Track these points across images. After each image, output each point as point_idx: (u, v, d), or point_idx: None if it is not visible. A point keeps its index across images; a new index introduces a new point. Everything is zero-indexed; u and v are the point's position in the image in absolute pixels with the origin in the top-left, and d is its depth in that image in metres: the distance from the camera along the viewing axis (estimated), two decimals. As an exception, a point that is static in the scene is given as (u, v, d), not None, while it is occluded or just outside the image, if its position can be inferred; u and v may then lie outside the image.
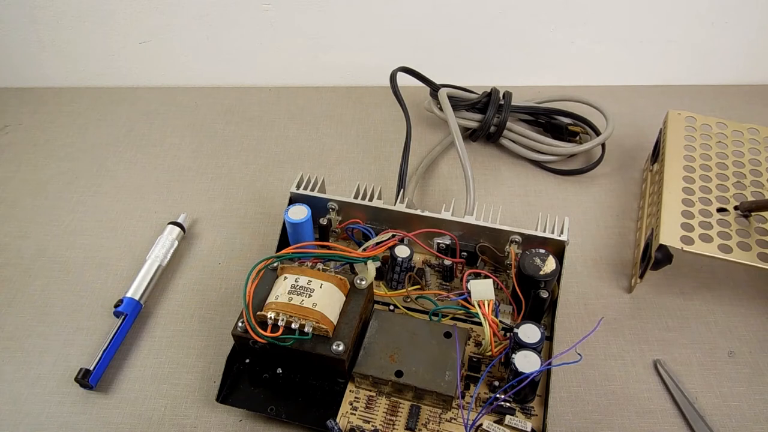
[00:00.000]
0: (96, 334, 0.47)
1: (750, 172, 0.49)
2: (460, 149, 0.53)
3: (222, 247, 0.53)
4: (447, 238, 0.46)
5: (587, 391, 0.43)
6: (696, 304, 0.48)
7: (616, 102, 0.66)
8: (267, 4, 0.65)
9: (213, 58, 0.70)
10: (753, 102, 0.66)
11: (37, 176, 0.60)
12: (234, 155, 0.62)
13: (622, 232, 0.53)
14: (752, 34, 0.66)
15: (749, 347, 0.45)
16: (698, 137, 0.52)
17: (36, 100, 0.70)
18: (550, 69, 0.69)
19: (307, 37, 0.68)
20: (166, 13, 0.66)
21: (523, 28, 0.66)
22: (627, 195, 0.57)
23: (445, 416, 0.39)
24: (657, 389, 0.43)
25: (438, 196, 0.57)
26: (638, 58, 0.68)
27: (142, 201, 0.57)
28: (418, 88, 0.61)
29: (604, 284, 0.49)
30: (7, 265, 0.52)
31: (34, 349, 0.46)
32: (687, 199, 0.47)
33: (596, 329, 0.45)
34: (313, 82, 0.71)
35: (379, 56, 0.68)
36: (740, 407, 0.41)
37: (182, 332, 0.47)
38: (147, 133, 0.65)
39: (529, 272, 0.42)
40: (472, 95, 0.61)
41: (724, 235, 0.44)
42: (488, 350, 0.41)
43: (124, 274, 0.51)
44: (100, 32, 0.68)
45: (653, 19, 0.65)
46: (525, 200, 0.56)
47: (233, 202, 0.57)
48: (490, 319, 0.40)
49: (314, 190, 0.48)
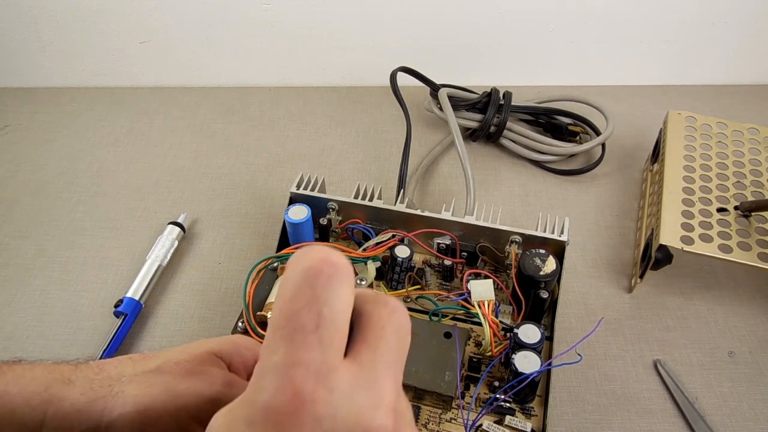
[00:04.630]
0: (96, 334, 0.46)
1: (750, 172, 0.49)
2: (460, 149, 0.53)
3: (222, 247, 0.53)
4: (447, 238, 0.46)
5: (587, 391, 0.43)
6: (696, 304, 0.48)
7: (616, 102, 0.66)
8: (267, 4, 0.65)
9: (213, 58, 0.70)
10: (753, 102, 0.66)
11: (37, 176, 0.60)
12: (234, 155, 0.62)
13: (622, 232, 0.53)
14: (752, 34, 0.66)
15: (749, 347, 0.45)
16: (698, 137, 0.52)
17: (36, 100, 0.70)
18: (550, 69, 0.69)
19: (307, 37, 0.68)
20: (166, 13, 0.66)
21: (523, 28, 0.66)
22: (627, 195, 0.57)
23: (445, 416, 0.39)
24: (657, 389, 0.43)
25: (438, 196, 0.57)
26: (638, 58, 0.68)
27: (142, 201, 0.57)
28: (418, 88, 0.61)
29: (604, 284, 0.49)
30: (7, 265, 0.52)
31: (34, 349, 0.46)
32: (687, 199, 0.47)
33: (596, 329, 0.45)
34: (313, 82, 0.71)
35: (379, 56, 0.68)
36: (740, 407, 0.41)
37: (182, 332, 0.47)
38: (147, 133, 0.65)
39: (529, 272, 0.42)
40: (472, 95, 0.61)
41: (724, 235, 0.44)
42: (488, 350, 0.41)
43: (124, 274, 0.51)
44: (100, 32, 0.68)
45: (653, 19, 0.65)
46: (525, 200, 0.56)
47: (233, 202, 0.57)
48: (490, 320, 0.40)
49: (314, 190, 0.48)
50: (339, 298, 0.18)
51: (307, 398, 0.17)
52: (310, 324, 0.17)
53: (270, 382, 0.17)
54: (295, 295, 0.18)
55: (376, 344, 0.19)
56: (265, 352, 0.18)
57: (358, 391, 0.18)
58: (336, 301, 0.18)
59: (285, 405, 0.17)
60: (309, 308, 0.17)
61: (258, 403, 0.17)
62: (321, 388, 0.17)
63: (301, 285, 0.18)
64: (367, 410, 0.18)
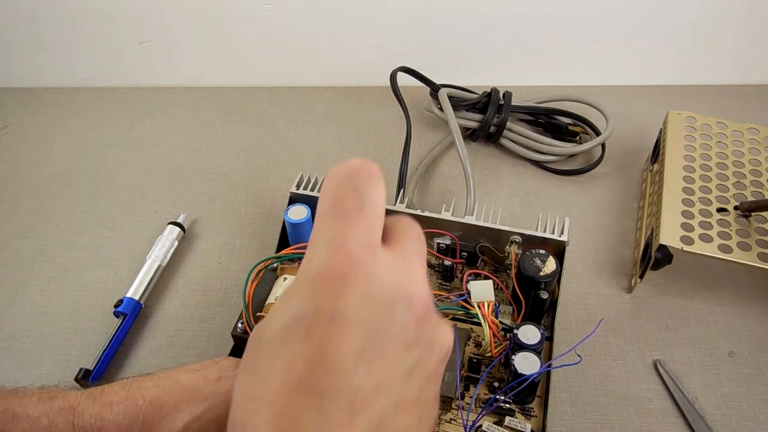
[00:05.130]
0: (96, 334, 0.46)
1: (750, 172, 0.49)
2: (460, 149, 0.53)
3: (222, 247, 0.53)
4: (447, 238, 0.46)
5: (587, 391, 0.43)
6: (696, 304, 0.48)
7: (616, 102, 0.66)
8: (267, 4, 0.65)
9: (213, 58, 0.70)
10: (753, 102, 0.66)
11: (37, 176, 0.60)
12: (234, 155, 0.62)
13: (622, 232, 0.53)
14: (752, 34, 0.66)
15: (749, 347, 0.45)
16: (698, 137, 0.52)
17: (36, 100, 0.70)
18: (550, 69, 0.69)
19: (307, 37, 0.68)
20: (166, 13, 0.66)
21: (523, 28, 0.66)
22: (627, 195, 0.57)
23: (444, 417, 0.39)
24: (657, 389, 0.43)
25: (438, 196, 0.57)
26: (638, 58, 0.68)
27: (142, 201, 0.57)
28: (418, 88, 0.61)
29: (604, 284, 0.49)
30: (7, 265, 0.52)
31: (34, 349, 0.46)
32: (687, 199, 0.47)
33: (596, 330, 0.45)
34: (313, 82, 0.71)
35: (379, 56, 0.68)
36: (740, 407, 0.41)
37: (182, 332, 0.47)
38: (147, 133, 0.65)
39: (530, 273, 0.42)
40: (472, 95, 0.61)
41: (724, 235, 0.44)
42: (488, 351, 0.41)
43: (124, 274, 0.51)
44: (100, 32, 0.68)
45: (653, 19, 0.65)
46: (525, 200, 0.56)
47: (233, 202, 0.57)
48: (490, 320, 0.40)
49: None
50: (377, 191, 0.21)
51: (358, 259, 0.19)
52: (356, 206, 0.20)
53: (324, 251, 0.20)
54: (339, 187, 0.21)
55: (404, 239, 0.22)
56: (316, 233, 0.21)
57: (396, 265, 0.21)
58: (375, 193, 0.21)
59: (338, 265, 0.19)
60: (353, 195, 0.21)
61: (313, 269, 0.20)
62: (369, 254, 0.20)
63: (345, 179, 0.21)
64: (407, 278, 0.21)
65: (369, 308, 0.19)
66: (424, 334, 0.21)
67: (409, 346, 0.20)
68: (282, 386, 0.18)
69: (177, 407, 0.32)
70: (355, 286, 0.19)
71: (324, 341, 0.18)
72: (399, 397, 0.20)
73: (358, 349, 0.19)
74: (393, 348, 0.20)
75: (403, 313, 0.20)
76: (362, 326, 0.19)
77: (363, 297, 0.19)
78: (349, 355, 0.18)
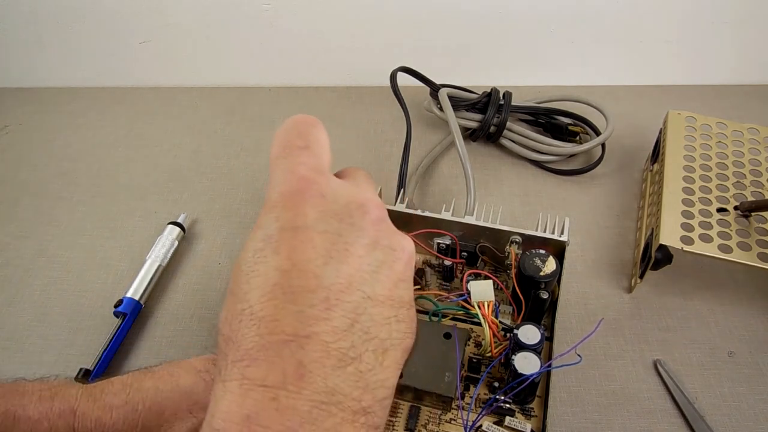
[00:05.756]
0: (96, 334, 0.46)
1: (750, 172, 0.49)
2: (460, 149, 0.53)
3: (222, 247, 0.53)
4: (447, 238, 0.46)
5: (587, 391, 0.43)
6: (696, 304, 0.48)
7: (616, 102, 0.66)
8: (267, 4, 0.65)
9: (213, 58, 0.70)
10: (753, 102, 0.66)
11: (37, 176, 0.60)
12: (234, 155, 0.62)
13: (622, 232, 0.53)
14: (752, 34, 0.66)
15: (749, 347, 0.45)
16: (698, 137, 0.52)
17: (36, 100, 0.70)
18: (550, 69, 0.69)
19: (307, 37, 0.68)
20: (166, 13, 0.66)
21: (523, 28, 0.66)
22: (627, 195, 0.57)
23: (444, 417, 0.39)
24: (657, 389, 0.43)
25: (438, 196, 0.57)
26: (638, 58, 0.68)
27: (142, 201, 0.57)
28: (418, 88, 0.61)
29: (604, 284, 0.49)
30: (7, 265, 0.52)
31: (34, 349, 0.46)
32: (687, 199, 0.47)
33: (596, 330, 0.45)
34: (313, 82, 0.71)
35: (379, 56, 0.68)
36: (740, 407, 0.41)
37: (182, 332, 0.47)
38: (147, 133, 0.65)
39: (530, 273, 0.42)
40: (472, 95, 0.61)
41: (724, 235, 0.44)
42: (488, 351, 0.41)
43: (124, 274, 0.51)
44: (100, 32, 0.68)
45: (653, 19, 0.65)
46: (525, 200, 0.56)
47: (233, 202, 0.57)
48: (490, 320, 0.40)
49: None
50: (320, 132, 0.24)
51: (311, 180, 0.22)
52: (302, 143, 0.23)
53: (279, 180, 0.22)
54: (286, 132, 0.23)
55: (354, 174, 0.26)
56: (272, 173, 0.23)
57: (349, 186, 0.24)
58: (318, 133, 0.24)
59: (294, 186, 0.22)
60: (299, 137, 0.23)
61: (272, 197, 0.22)
62: (320, 176, 0.22)
63: (291, 127, 0.24)
64: (359, 192, 0.23)
65: (327, 217, 0.22)
66: (382, 234, 0.23)
67: (370, 246, 0.22)
68: (260, 297, 0.20)
69: (176, 414, 0.32)
70: (312, 200, 0.22)
71: (291, 251, 0.20)
72: (371, 292, 0.22)
73: (323, 252, 0.21)
74: (356, 249, 0.22)
75: (360, 218, 0.22)
76: (323, 233, 0.21)
77: (320, 209, 0.22)
78: (315, 258, 0.21)
